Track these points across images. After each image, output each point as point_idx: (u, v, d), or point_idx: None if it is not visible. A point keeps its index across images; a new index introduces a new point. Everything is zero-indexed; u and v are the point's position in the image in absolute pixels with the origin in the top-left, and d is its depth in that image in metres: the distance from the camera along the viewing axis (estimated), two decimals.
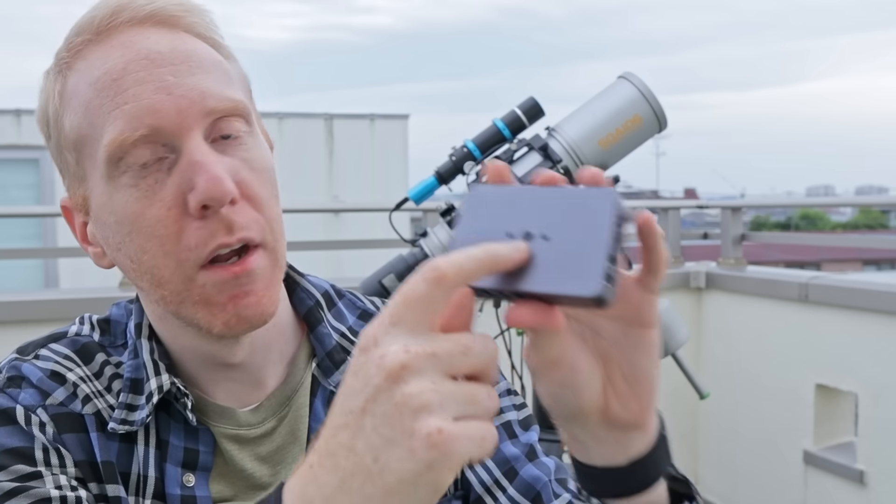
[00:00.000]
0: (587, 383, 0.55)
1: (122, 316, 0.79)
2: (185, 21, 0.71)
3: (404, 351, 0.44)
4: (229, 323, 0.69)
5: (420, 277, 0.45)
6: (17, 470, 0.67)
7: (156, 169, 0.67)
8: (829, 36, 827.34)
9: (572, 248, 0.48)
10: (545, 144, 1.77)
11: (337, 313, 0.83)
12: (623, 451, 0.58)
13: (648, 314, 0.54)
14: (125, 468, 0.72)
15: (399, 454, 0.43)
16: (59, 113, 0.71)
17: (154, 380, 0.73)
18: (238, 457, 0.76)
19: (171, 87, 0.67)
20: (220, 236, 0.67)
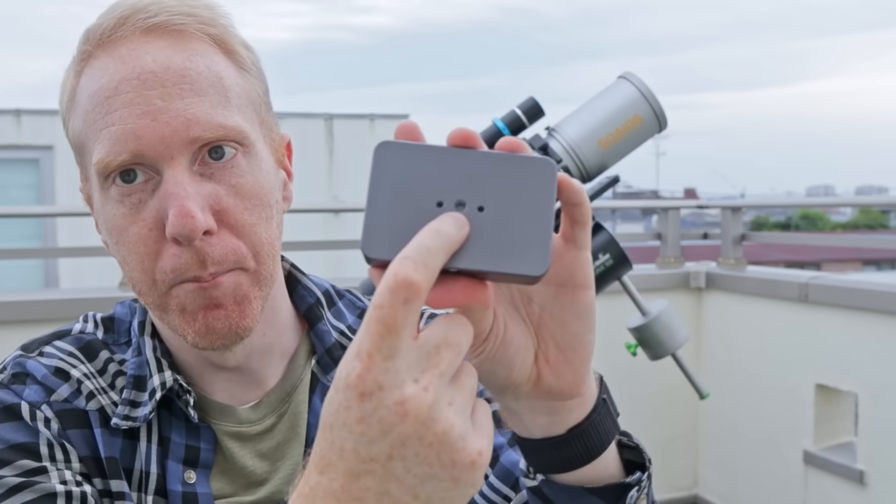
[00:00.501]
0: (517, 355, 0.53)
1: (126, 314, 0.80)
2: (192, 30, 0.70)
3: (423, 390, 0.42)
4: (200, 332, 0.69)
5: (394, 299, 0.42)
6: (22, 465, 0.67)
7: (140, 189, 0.68)
8: (830, 36, 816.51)
9: (514, 222, 0.45)
10: (545, 144, 1.77)
11: (337, 312, 0.84)
12: (560, 420, 0.56)
13: (582, 274, 0.52)
14: (128, 464, 0.73)
15: (443, 486, 0.44)
16: (68, 112, 0.73)
17: (157, 376, 0.74)
18: (239, 454, 0.76)
19: (157, 113, 0.66)
20: (192, 269, 0.68)
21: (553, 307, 0.53)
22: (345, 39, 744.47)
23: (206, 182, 0.68)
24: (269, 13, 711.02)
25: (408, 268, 0.42)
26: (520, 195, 0.45)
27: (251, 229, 0.70)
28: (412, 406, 0.42)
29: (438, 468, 0.43)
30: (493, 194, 0.45)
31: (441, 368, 0.43)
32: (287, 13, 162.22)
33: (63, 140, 0.76)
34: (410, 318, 0.42)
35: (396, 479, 0.43)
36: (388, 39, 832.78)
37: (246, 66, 0.73)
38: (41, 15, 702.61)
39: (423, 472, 0.43)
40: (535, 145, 1.79)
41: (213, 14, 0.72)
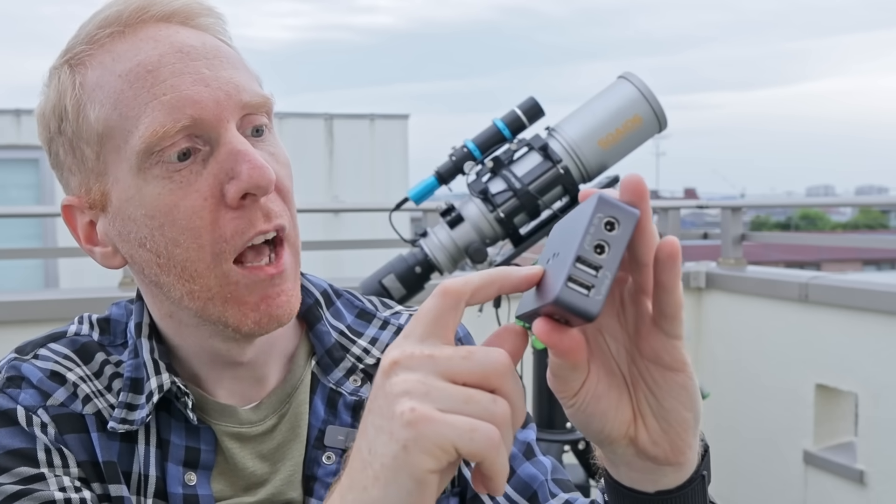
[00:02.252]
0: (611, 412, 0.53)
1: (122, 315, 0.79)
2: (204, 22, 0.72)
3: (400, 351, 0.46)
4: (261, 322, 0.70)
5: (429, 298, 0.49)
6: (19, 472, 0.66)
7: (191, 161, 0.67)
8: (831, 36, 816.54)
9: (560, 260, 0.47)
10: (545, 144, 1.77)
11: (335, 312, 0.83)
12: (651, 480, 0.56)
13: (669, 359, 0.51)
14: (126, 468, 0.72)
15: (383, 439, 0.45)
16: (81, 105, 0.69)
17: (154, 379, 0.73)
18: (239, 455, 0.76)
19: (208, 80, 0.67)
20: (258, 224, 0.68)
21: (647, 379, 0.53)
22: (345, 39, 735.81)
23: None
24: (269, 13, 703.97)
25: (449, 280, 0.48)
26: (571, 235, 0.47)
27: (291, 196, 0.72)
28: (385, 361, 0.47)
29: (385, 419, 0.45)
30: (564, 239, 0.48)
31: (433, 353, 0.46)
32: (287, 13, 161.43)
33: None
34: (434, 309, 0.48)
35: (366, 432, 0.47)
36: (389, 39, 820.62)
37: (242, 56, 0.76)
38: (41, 15, 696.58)
39: (377, 423, 0.46)
40: (536, 145, 1.79)
41: (213, 9, 0.74)
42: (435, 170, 1.85)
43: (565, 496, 0.78)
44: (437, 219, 1.89)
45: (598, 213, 0.45)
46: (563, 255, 0.46)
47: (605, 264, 0.44)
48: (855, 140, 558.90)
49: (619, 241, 0.44)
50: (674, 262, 0.47)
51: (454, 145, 1.85)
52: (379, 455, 0.45)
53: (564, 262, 0.45)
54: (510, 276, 0.49)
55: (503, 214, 1.77)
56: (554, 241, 0.51)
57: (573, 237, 0.45)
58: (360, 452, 0.47)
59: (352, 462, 0.48)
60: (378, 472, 0.45)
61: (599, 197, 0.45)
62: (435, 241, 1.83)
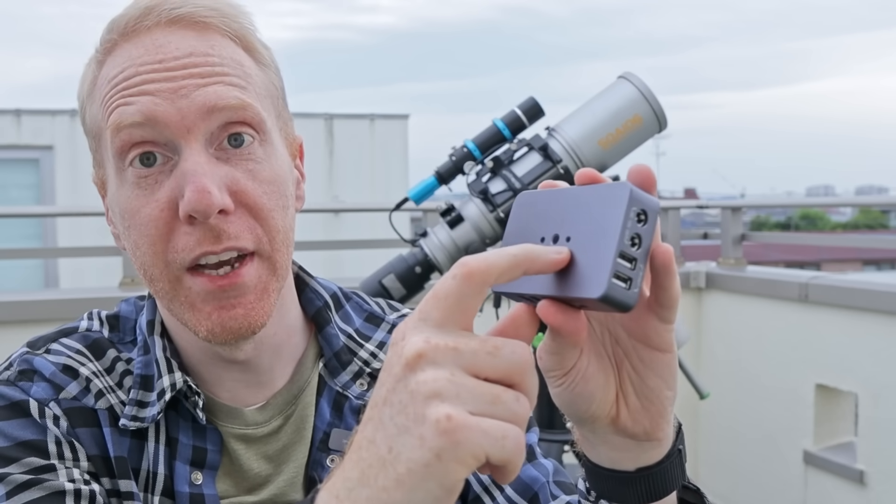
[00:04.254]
0: (597, 391, 0.55)
1: (132, 312, 0.80)
2: (216, 24, 0.71)
3: (424, 341, 0.43)
4: (213, 331, 0.69)
5: (449, 274, 0.45)
6: (30, 462, 0.67)
7: (158, 170, 0.68)
8: (833, 35, 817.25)
9: (588, 247, 0.46)
10: (545, 144, 1.77)
11: (344, 315, 0.83)
12: (632, 458, 0.58)
13: (661, 340, 0.54)
14: (136, 464, 0.72)
15: (410, 442, 0.42)
16: (88, 102, 0.73)
17: (167, 377, 0.74)
18: (244, 456, 0.76)
19: (176, 88, 0.67)
20: (205, 244, 0.67)
21: (633, 358, 0.55)
22: (346, 39, 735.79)
23: (223, 165, 0.68)
24: (270, 12, 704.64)
25: (471, 257, 0.45)
26: (596, 221, 0.46)
27: (268, 213, 0.70)
28: (407, 349, 0.43)
29: (412, 420, 0.42)
30: (579, 224, 0.47)
31: (458, 345, 0.43)
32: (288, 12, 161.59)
33: (63, 140, 0.76)
34: (455, 293, 0.44)
35: (383, 426, 0.43)
36: (390, 39, 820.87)
37: (265, 62, 0.75)
38: (40, 14, 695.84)
39: (401, 422, 0.42)
40: (535, 145, 1.79)
41: (235, 11, 0.73)
42: (435, 170, 1.85)
43: (566, 498, 0.78)
44: (437, 219, 1.89)
45: (632, 206, 0.45)
46: (590, 244, 0.46)
47: (639, 257, 0.45)
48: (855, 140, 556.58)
49: (648, 234, 0.46)
50: (668, 269, 0.50)
51: (454, 145, 1.85)
52: (405, 459, 0.42)
53: (601, 255, 0.45)
54: (537, 260, 0.46)
55: (503, 214, 1.77)
56: (547, 219, 0.50)
57: (601, 227, 0.46)
58: (375, 447, 0.43)
59: (363, 454, 0.44)
60: (403, 477, 0.42)
61: (631, 190, 0.45)
62: (435, 241, 1.83)
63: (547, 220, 0.50)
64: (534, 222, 0.51)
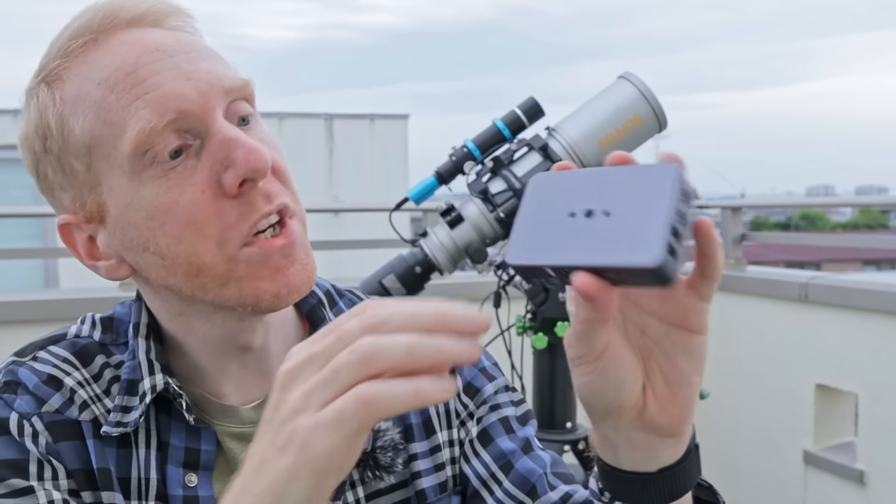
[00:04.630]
0: (628, 378, 0.54)
1: (126, 314, 0.79)
2: (175, 22, 0.72)
3: (287, 360, 0.52)
4: (280, 294, 0.69)
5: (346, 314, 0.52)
6: (10, 484, 0.66)
7: (184, 157, 0.67)
8: (835, 35, 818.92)
9: (634, 220, 0.46)
10: (545, 144, 1.78)
11: (338, 312, 0.84)
12: (653, 457, 0.57)
13: (697, 320, 0.54)
14: (125, 473, 0.72)
15: (273, 453, 0.50)
16: (64, 119, 0.68)
17: (148, 379, 0.73)
18: (241, 455, 0.75)
19: (189, 73, 0.67)
20: (260, 207, 0.67)
21: (664, 343, 0.55)
22: (347, 38, 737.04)
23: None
24: (271, 12, 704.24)
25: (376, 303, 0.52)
26: (642, 196, 0.47)
27: (288, 175, 0.72)
28: (280, 374, 0.52)
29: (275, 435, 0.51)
30: (619, 200, 0.48)
31: (313, 352, 0.51)
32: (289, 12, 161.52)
33: None
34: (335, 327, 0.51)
35: (259, 441, 0.52)
36: (391, 38, 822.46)
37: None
38: (40, 14, 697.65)
39: (269, 437, 0.51)
40: (536, 145, 1.79)
41: (184, 11, 0.74)
42: (435, 170, 1.85)
43: (565, 488, 0.78)
44: (437, 219, 1.89)
45: (680, 184, 0.47)
46: (636, 216, 0.46)
47: (682, 234, 0.46)
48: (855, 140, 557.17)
49: (689, 214, 0.47)
50: (710, 237, 0.51)
51: (454, 145, 1.85)
52: (272, 469, 0.51)
53: (653, 226, 0.45)
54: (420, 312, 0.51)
55: (503, 214, 1.78)
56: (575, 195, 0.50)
57: (648, 201, 0.46)
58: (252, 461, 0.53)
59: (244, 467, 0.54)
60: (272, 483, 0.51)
61: (678, 169, 0.47)
62: (435, 241, 1.83)
63: (576, 196, 0.49)
64: (558, 200, 0.50)
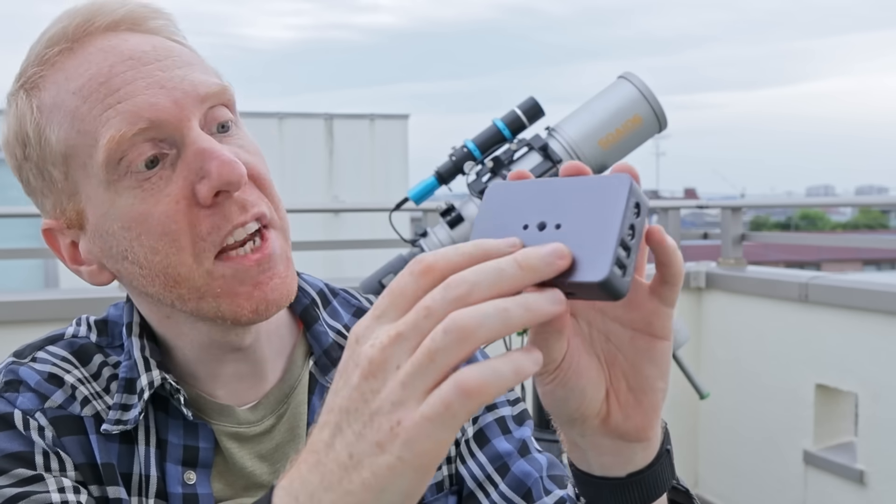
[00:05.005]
0: (589, 386, 0.54)
1: (120, 317, 0.79)
2: (153, 24, 0.71)
3: (371, 346, 0.44)
4: (258, 310, 0.69)
5: (406, 270, 0.45)
6: (18, 474, 0.66)
7: (159, 167, 0.66)
8: (835, 35, 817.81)
9: (584, 234, 0.46)
10: (545, 144, 1.77)
11: (332, 311, 0.83)
12: (622, 462, 0.57)
13: (660, 325, 0.53)
14: (127, 469, 0.72)
15: (371, 450, 0.43)
16: (41, 128, 0.68)
17: (144, 376, 0.73)
18: (238, 455, 0.75)
19: (163, 81, 0.66)
20: (234, 217, 0.67)
21: (628, 349, 0.54)
22: (347, 38, 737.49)
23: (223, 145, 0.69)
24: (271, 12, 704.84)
25: (428, 253, 0.45)
26: (594, 210, 0.47)
27: (269, 183, 0.71)
28: (361, 358, 0.44)
29: (368, 428, 0.43)
30: (571, 212, 0.48)
31: (399, 330, 0.43)
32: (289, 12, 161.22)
33: None
34: (412, 288, 0.44)
35: (342, 433, 0.44)
36: (391, 38, 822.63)
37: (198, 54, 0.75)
38: (39, 14, 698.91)
39: (357, 429, 0.43)
40: (536, 145, 1.79)
41: (163, 12, 0.73)
42: (435, 170, 1.85)
43: (560, 493, 0.78)
44: (437, 219, 1.89)
45: (632, 197, 0.47)
46: (587, 231, 0.46)
47: (633, 247, 0.47)
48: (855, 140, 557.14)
49: (641, 227, 0.48)
50: (663, 246, 0.51)
51: (454, 145, 1.85)
52: (368, 464, 0.43)
53: (602, 242, 0.45)
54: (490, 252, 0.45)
55: None
56: (529, 206, 0.50)
57: (599, 215, 0.46)
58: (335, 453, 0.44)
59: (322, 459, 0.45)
60: (369, 480, 0.43)
61: (631, 182, 0.47)
62: (435, 241, 1.83)
63: (529, 208, 0.50)
64: (513, 210, 0.50)
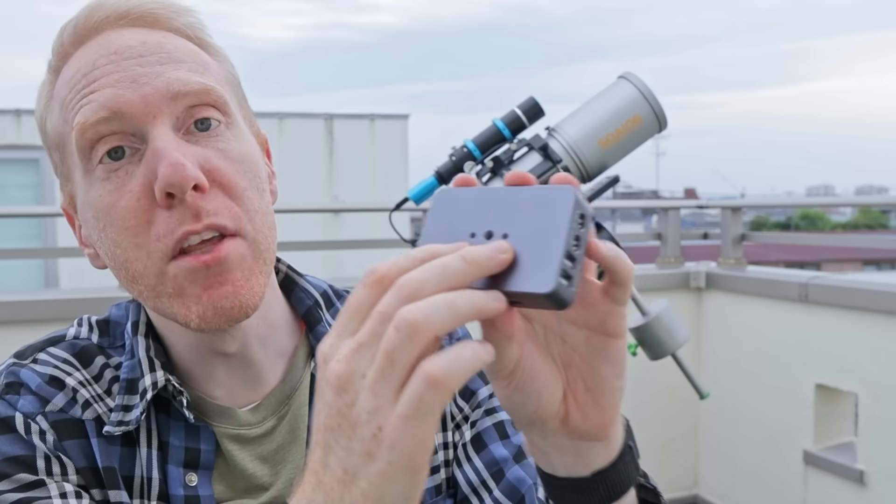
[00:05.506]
0: (545, 389, 0.54)
1: (122, 317, 0.79)
2: (164, 19, 0.71)
3: (336, 361, 0.45)
4: (205, 316, 0.67)
5: (361, 283, 0.46)
6: (19, 479, 0.66)
7: (127, 161, 0.67)
8: (835, 35, 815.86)
9: (530, 245, 0.47)
10: (545, 144, 1.78)
11: (336, 313, 0.83)
12: (585, 462, 0.56)
13: (614, 324, 0.53)
14: (128, 472, 0.72)
15: (362, 460, 0.44)
16: (45, 116, 0.72)
17: (148, 376, 0.73)
18: (239, 457, 0.75)
19: (136, 76, 0.67)
20: (186, 223, 0.66)
21: (584, 350, 0.54)
22: (347, 38, 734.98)
23: (192, 146, 0.68)
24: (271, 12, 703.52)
25: (379, 264, 0.46)
26: (539, 220, 0.48)
27: (243, 192, 0.69)
28: (329, 375, 0.45)
29: (353, 441, 0.44)
30: (517, 222, 0.48)
31: (360, 340, 0.44)
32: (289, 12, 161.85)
33: None
34: (367, 301, 0.45)
35: (332, 450, 0.45)
36: (391, 38, 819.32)
37: (218, 55, 0.75)
38: (40, 13, 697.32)
39: (344, 443, 0.44)
40: (536, 145, 1.79)
41: (181, 7, 0.73)
42: (435, 170, 1.85)
43: None
44: None
45: (577, 209, 0.47)
46: (532, 241, 0.47)
47: (578, 258, 0.47)
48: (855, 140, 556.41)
49: (585, 236, 0.48)
50: (604, 258, 0.51)
51: (454, 145, 1.85)
52: (363, 475, 0.44)
53: (548, 253, 0.46)
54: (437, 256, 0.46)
55: None
56: (476, 215, 0.50)
57: (545, 226, 0.47)
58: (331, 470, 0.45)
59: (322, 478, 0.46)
60: (368, 490, 0.44)
61: (575, 194, 0.48)
62: None
63: (476, 217, 0.50)
64: (460, 218, 0.51)
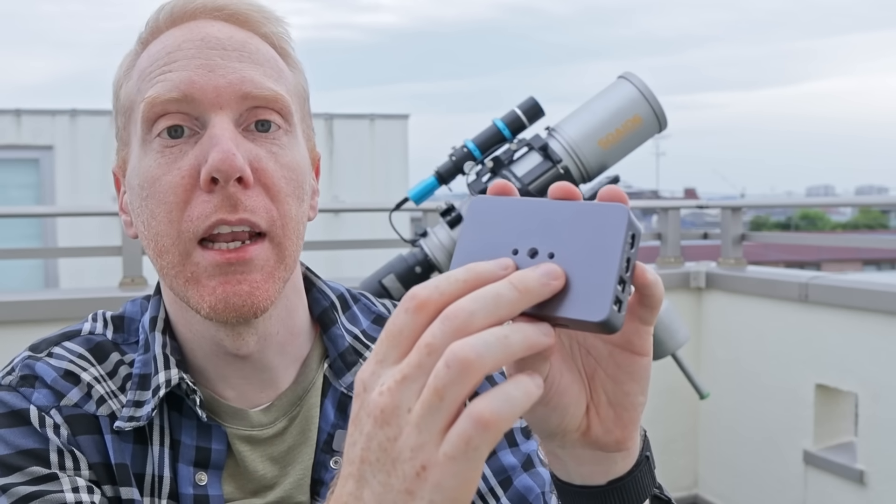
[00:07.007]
0: (571, 404, 0.53)
1: (137, 313, 0.79)
2: (254, 21, 0.75)
3: (379, 393, 0.43)
4: (216, 307, 0.69)
5: (400, 308, 0.44)
6: (32, 472, 0.66)
7: (184, 141, 0.69)
8: (836, 35, 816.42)
9: (579, 267, 0.45)
10: (545, 144, 1.78)
11: (351, 316, 0.83)
12: (602, 471, 0.57)
13: (640, 343, 0.53)
14: (140, 469, 0.72)
15: (401, 498, 0.42)
16: (122, 82, 0.75)
17: (162, 373, 0.73)
18: (250, 457, 0.75)
19: (214, 67, 0.70)
20: (221, 212, 0.68)
21: (608, 365, 0.54)
22: (347, 38, 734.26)
23: (247, 142, 0.70)
24: None
25: (420, 286, 0.44)
26: (590, 241, 0.45)
27: (285, 197, 0.71)
28: (371, 407, 0.43)
29: (393, 477, 0.42)
30: (564, 242, 0.46)
31: (405, 373, 0.42)
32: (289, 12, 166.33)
33: (63, 140, 0.76)
34: (409, 327, 0.43)
35: (368, 484, 0.43)
36: (392, 38, 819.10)
37: (296, 68, 0.78)
38: (40, 13, 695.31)
39: (382, 479, 0.43)
40: (536, 145, 1.79)
41: (273, 15, 0.77)
42: (435, 170, 1.85)
43: None
44: (437, 219, 1.89)
45: (629, 230, 0.45)
46: (583, 264, 0.45)
47: (628, 280, 0.45)
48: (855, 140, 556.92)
49: (635, 257, 0.46)
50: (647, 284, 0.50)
51: (454, 145, 1.85)
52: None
53: (601, 278, 0.44)
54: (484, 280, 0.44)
55: None
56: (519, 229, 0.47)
57: (597, 248, 0.45)
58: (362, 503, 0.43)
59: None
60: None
61: (628, 213, 0.45)
62: (435, 241, 1.83)
63: (518, 230, 0.47)
64: (500, 230, 0.48)
